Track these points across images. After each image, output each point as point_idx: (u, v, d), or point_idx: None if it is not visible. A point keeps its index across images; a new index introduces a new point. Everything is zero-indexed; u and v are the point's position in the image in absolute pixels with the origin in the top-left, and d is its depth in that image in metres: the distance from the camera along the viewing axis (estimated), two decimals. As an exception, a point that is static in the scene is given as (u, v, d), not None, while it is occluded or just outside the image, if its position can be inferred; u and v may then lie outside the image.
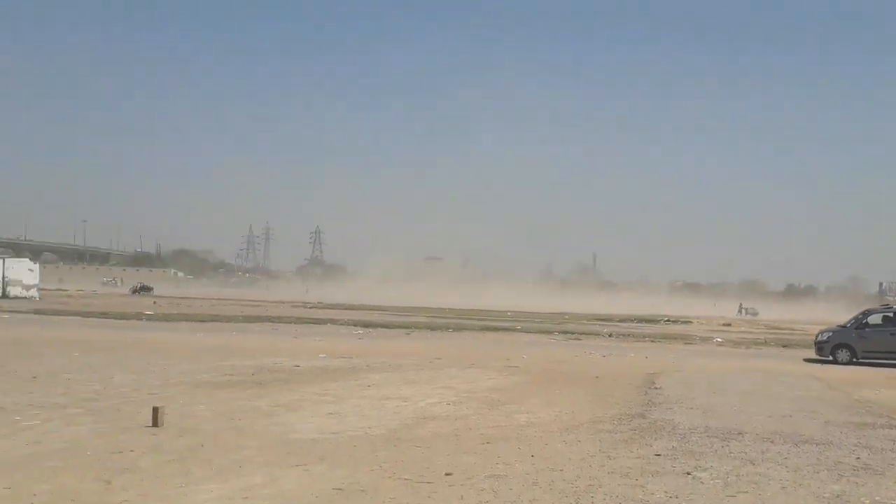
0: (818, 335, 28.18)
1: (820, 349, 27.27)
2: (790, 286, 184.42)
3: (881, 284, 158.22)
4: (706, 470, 9.04)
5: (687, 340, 37.11)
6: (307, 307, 59.35)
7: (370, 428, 11.11)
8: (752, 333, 46.92)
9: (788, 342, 37.09)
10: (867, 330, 26.79)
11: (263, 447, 9.61)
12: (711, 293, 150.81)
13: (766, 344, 36.13)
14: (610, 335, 38.15)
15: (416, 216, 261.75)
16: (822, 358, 26.81)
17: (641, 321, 56.73)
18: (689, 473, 8.85)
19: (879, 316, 27.35)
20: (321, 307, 60.68)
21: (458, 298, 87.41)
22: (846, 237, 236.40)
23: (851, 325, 27.53)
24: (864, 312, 28.32)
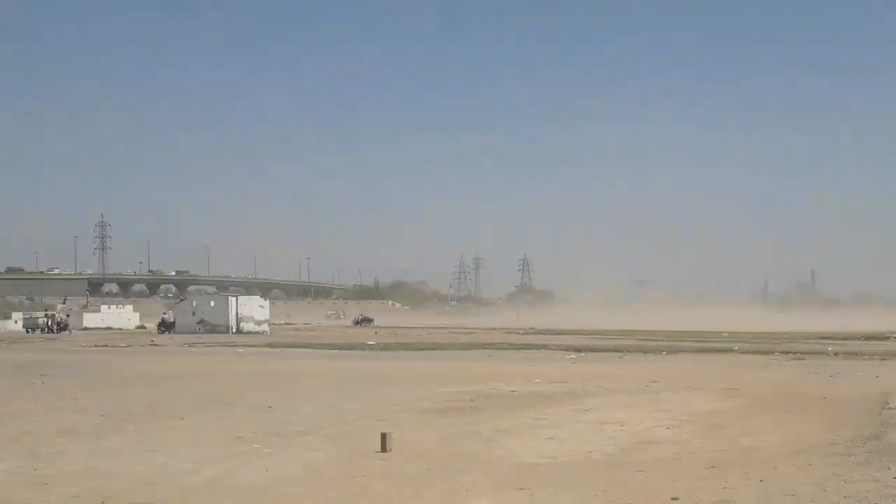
0: None
1: None
2: None
3: None
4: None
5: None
6: (519, 333, 59.85)
7: (590, 452, 11.18)
8: None
9: None
10: None
11: (488, 472, 9.91)
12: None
13: None
14: (835, 354, 35.99)
15: (623, 240, 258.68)
16: None
17: (869, 338, 53.07)
18: (932, 499, 8.35)
19: None
20: (532, 333, 61.01)
21: (670, 320, 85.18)
22: None
23: None
24: None
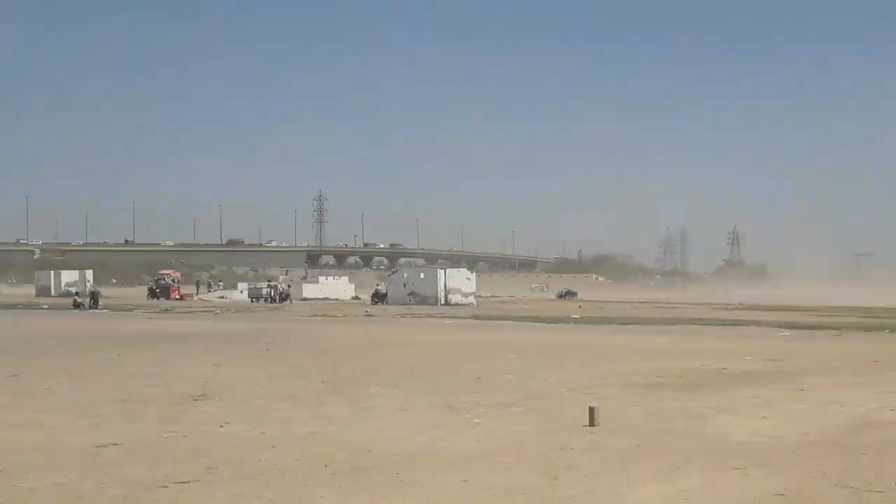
0: None
1: None
2: None
3: None
4: None
5: None
6: (728, 309, 57.71)
7: (807, 434, 10.68)
8: None
9: None
10: None
11: (699, 449, 9.69)
12: None
13: None
14: None
15: (840, 212, 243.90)
16: None
17: None
18: None
19: None
20: (742, 308, 58.69)
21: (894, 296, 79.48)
22: None
23: None
24: None
